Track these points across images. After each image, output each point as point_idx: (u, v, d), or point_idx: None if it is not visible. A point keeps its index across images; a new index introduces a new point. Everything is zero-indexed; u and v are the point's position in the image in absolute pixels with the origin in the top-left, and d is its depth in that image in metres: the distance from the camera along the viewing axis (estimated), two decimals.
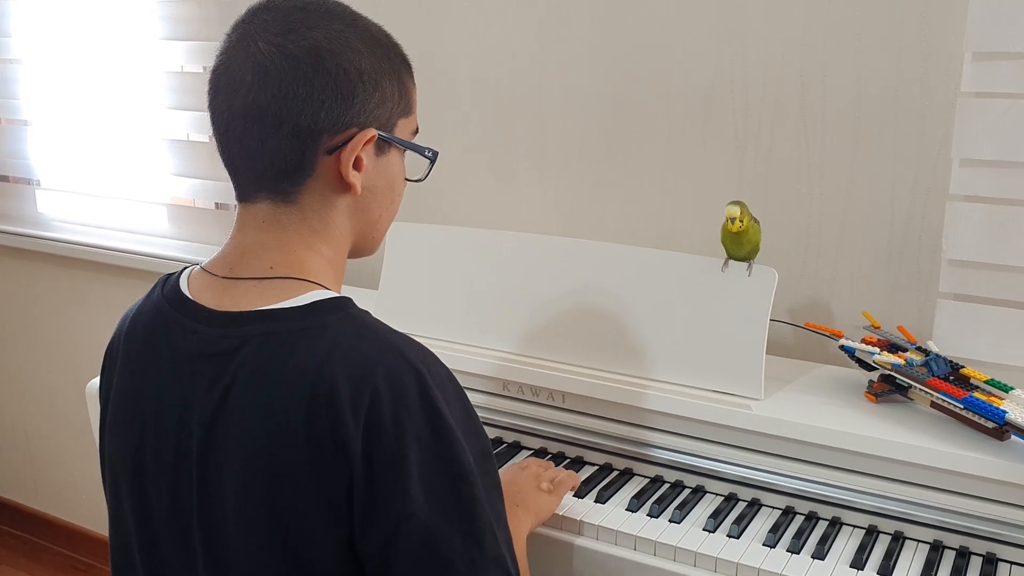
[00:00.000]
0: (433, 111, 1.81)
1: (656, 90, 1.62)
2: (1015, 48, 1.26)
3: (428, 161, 0.99)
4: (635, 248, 1.43)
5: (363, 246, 0.99)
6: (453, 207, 1.87)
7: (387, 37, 0.94)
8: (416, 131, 0.98)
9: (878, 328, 1.41)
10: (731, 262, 1.34)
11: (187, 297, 0.93)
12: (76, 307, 2.50)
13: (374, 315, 0.91)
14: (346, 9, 0.92)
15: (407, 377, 0.83)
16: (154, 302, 0.96)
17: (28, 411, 2.70)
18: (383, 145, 0.93)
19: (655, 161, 1.65)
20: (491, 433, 1.46)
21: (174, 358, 0.91)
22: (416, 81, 0.97)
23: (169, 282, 0.97)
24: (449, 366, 0.90)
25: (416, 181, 1.00)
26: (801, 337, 1.54)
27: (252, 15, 0.90)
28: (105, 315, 2.41)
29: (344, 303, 0.89)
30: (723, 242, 1.34)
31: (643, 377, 1.36)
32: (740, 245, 1.33)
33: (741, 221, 1.30)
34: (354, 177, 0.90)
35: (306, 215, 0.91)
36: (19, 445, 2.75)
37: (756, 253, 1.34)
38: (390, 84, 0.92)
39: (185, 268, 0.98)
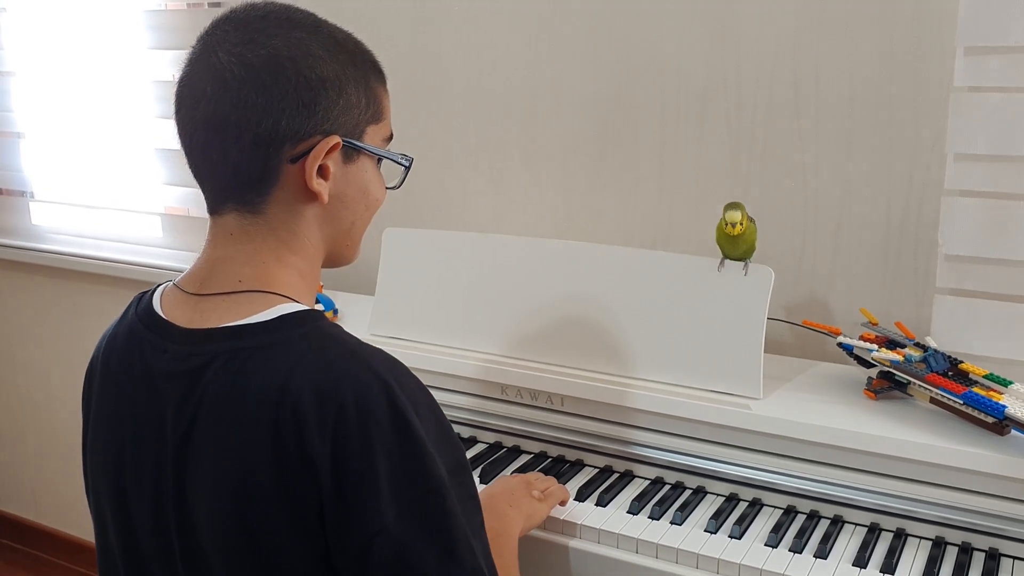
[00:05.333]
0: (427, 115, 1.81)
1: (649, 90, 1.62)
2: (1007, 42, 1.26)
3: (404, 168, 0.98)
4: (631, 249, 1.43)
5: (339, 255, 0.97)
6: (448, 211, 1.86)
7: (355, 43, 0.92)
8: (390, 138, 0.97)
9: (876, 324, 1.41)
10: (727, 262, 1.33)
11: (159, 315, 0.92)
12: (72, 319, 2.49)
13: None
14: (309, 16, 0.90)
15: (375, 389, 0.82)
16: (128, 322, 0.96)
17: (27, 424, 2.69)
18: (351, 152, 0.91)
19: (650, 161, 1.65)
20: (490, 438, 1.45)
21: (147, 378, 0.90)
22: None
23: (143, 301, 0.96)
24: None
25: (391, 188, 0.99)
26: (799, 335, 1.54)
27: (215, 26, 0.89)
28: (102, 326, 2.37)
29: (311, 316, 0.88)
30: (719, 242, 1.34)
31: (641, 379, 1.35)
32: (736, 246, 1.32)
33: (741, 224, 1.30)
34: (319, 185, 0.89)
35: (273, 226, 0.90)
36: (18, 458, 2.74)
37: (752, 252, 1.34)
38: (356, 91, 0.90)
39: (159, 286, 0.97)
